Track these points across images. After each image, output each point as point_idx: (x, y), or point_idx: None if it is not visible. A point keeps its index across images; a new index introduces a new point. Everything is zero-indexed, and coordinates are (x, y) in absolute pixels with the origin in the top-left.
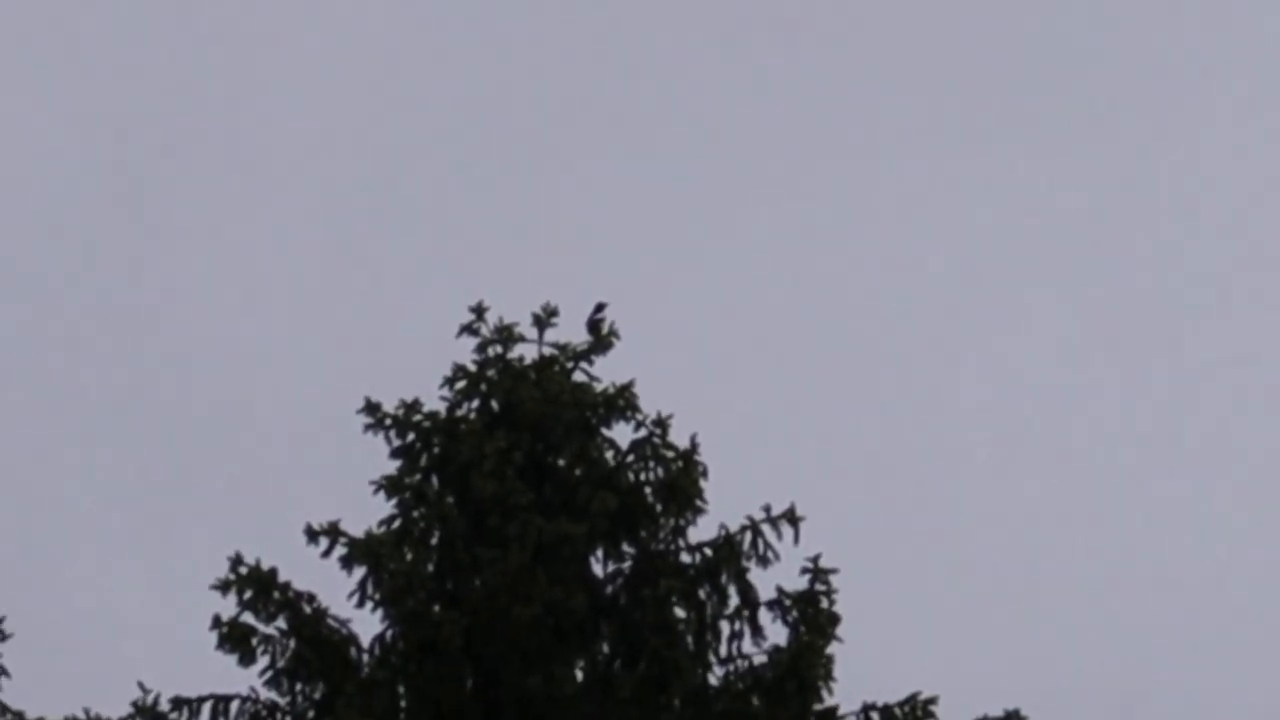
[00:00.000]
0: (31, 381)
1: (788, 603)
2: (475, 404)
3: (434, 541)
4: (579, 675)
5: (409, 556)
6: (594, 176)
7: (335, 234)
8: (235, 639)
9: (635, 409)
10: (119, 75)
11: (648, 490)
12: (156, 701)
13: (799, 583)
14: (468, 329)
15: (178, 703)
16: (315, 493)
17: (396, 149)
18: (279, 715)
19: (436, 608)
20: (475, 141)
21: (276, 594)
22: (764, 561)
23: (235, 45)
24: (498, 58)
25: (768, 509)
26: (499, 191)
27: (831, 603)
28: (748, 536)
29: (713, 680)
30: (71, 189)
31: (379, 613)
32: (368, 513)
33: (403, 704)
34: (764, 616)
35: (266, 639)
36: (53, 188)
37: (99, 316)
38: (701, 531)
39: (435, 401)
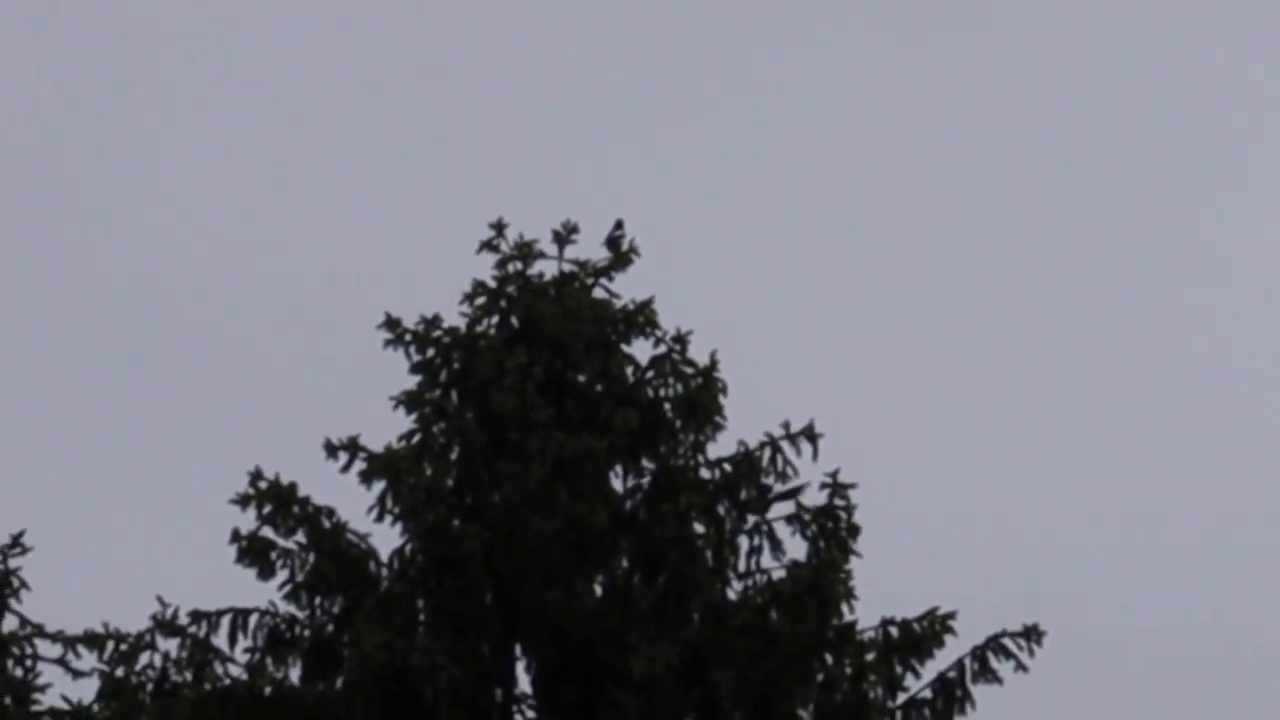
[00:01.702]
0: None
1: (806, 517)
2: (495, 320)
3: (453, 456)
4: (598, 589)
5: (428, 471)
6: (613, 92)
7: (356, 149)
8: (254, 553)
9: (655, 325)
10: None
11: (667, 406)
12: (175, 615)
13: (818, 498)
14: (488, 245)
15: (196, 616)
16: (335, 408)
17: (416, 64)
18: (298, 629)
19: (456, 522)
20: (495, 57)
21: (296, 508)
22: (783, 477)
23: None
24: None
25: (786, 425)
26: (518, 107)
27: (851, 517)
28: (766, 453)
29: (731, 595)
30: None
31: (398, 527)
32: (387, 428)
33: (422, 618)
34: (782, 530)
35: (286, 553)
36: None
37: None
38: (721, 447)
39: (455, 317)
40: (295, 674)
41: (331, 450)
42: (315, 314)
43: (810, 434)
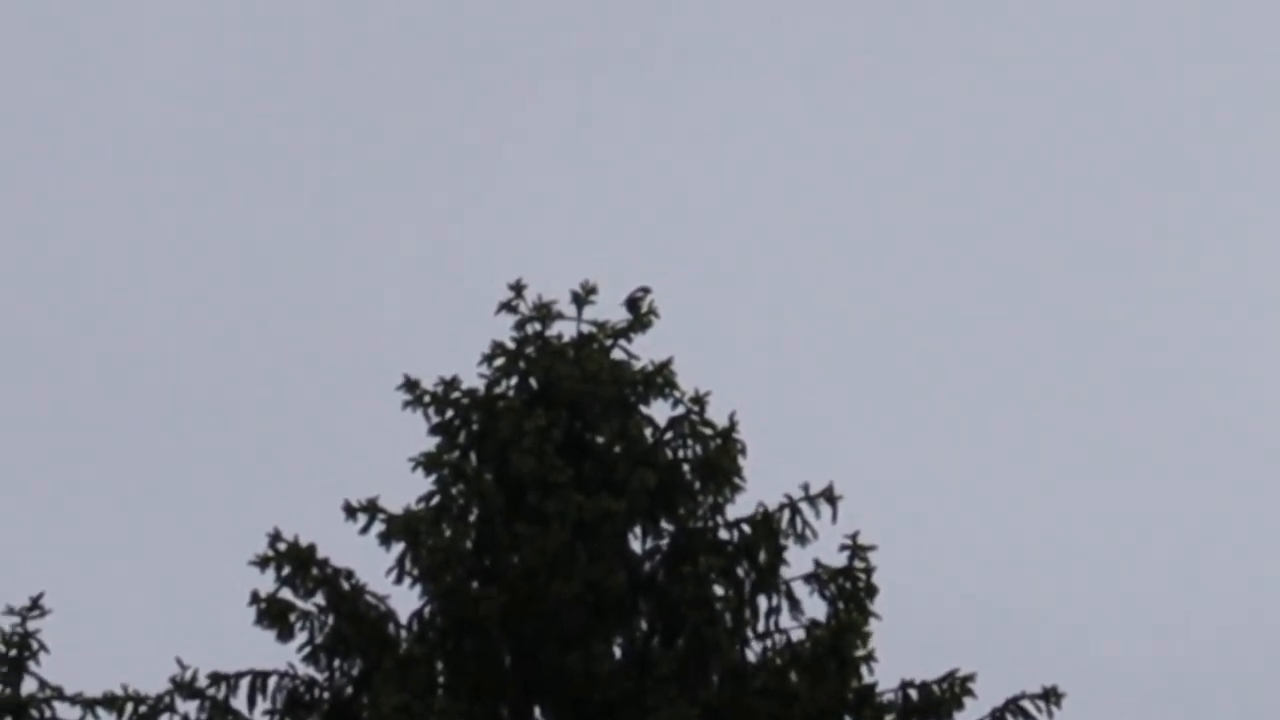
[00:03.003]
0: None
1: (825, 578)
2: (514, 381)
3: (472, 518)
4: (617, 652)
5: (447, 533)
6: (632, 155)
7: (377, 210)
8: (274, 615)
9: (674, 386)
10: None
11: (686, 467)
12: (195, 677)
13: (838, 559)
14: (506, 306)
15: (216, 678)
16: (354, 469)
17: (434, 124)
18: (317, 691)
19: (475, 584)
20: (518, 118)
21: (315, 570)
22: (802, 539)
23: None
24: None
25: (806, 487)
26: (540, 169)
27: (870, 579)
28: (786, 514)
29: (751, 656)
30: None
31: (417, 589)
32: (406, 490)
33: (440, 680)
34: (801, 591)
35: (305, 615)
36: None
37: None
38: (740, 509)
39: (474, 379)
40: None
41: (350, 512)
42: (335, 375)
43: (830, 495)
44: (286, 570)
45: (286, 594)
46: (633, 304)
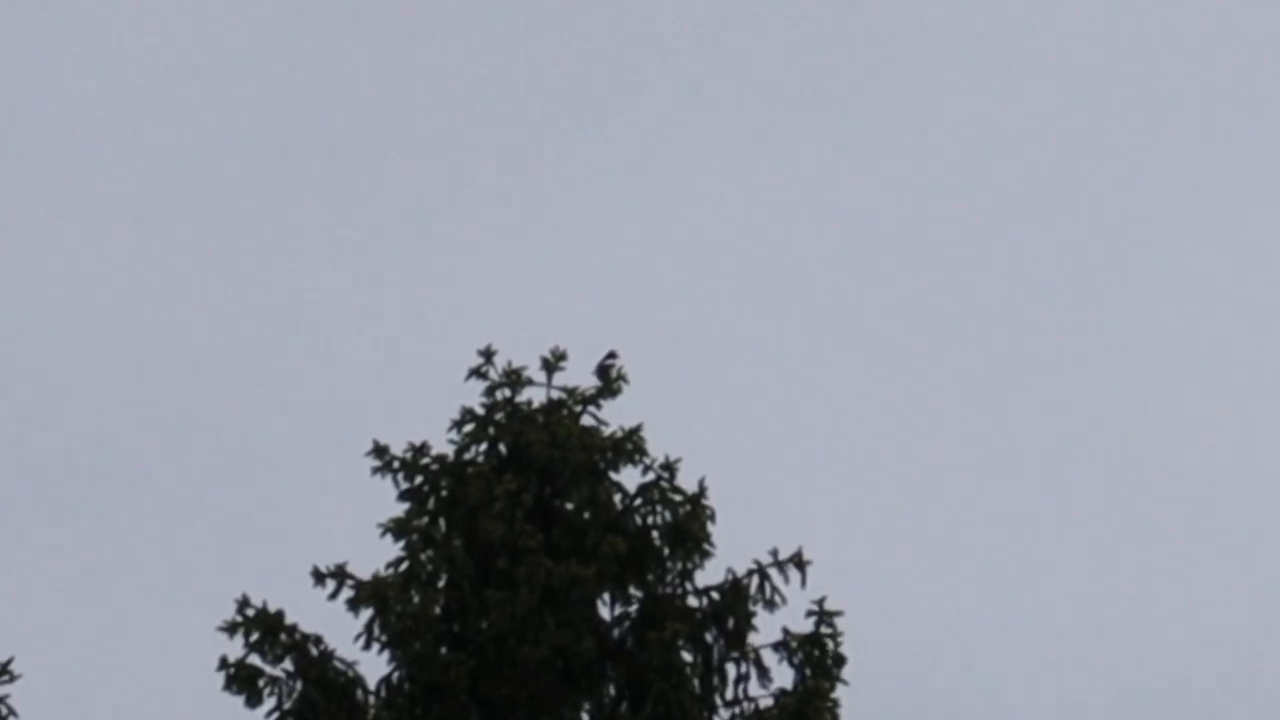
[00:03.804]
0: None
1: (793, 645)
2: (483, 447)
3: (441, 584)
4: (585, 718)
5: (416, 599)
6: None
7: (344, 275)
8: (242, 680)
9: (643, 453)
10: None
11: (655, 534)
12: None
13: (805, 625)
14: (476, 372)
15: None
16: (322, 535)
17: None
18: None
19: (443, 650)
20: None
21: (283, 636)
22: (771, 605)
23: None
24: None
25: (775, 553)
26: (505, 235)
27: (838, 645)
28: (755, 580)
29: None
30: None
31: (385, 655)
32: (375, 555)
33: None
34: (770, 658)
35: (273, 680)
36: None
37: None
38: (709, 575)
39: (443, 444)
40: None
41: (319, 578)
42: (303, 442)
43: (799, 561)
44: (255, 636)
45: (255, 659)
46: (603, 371)
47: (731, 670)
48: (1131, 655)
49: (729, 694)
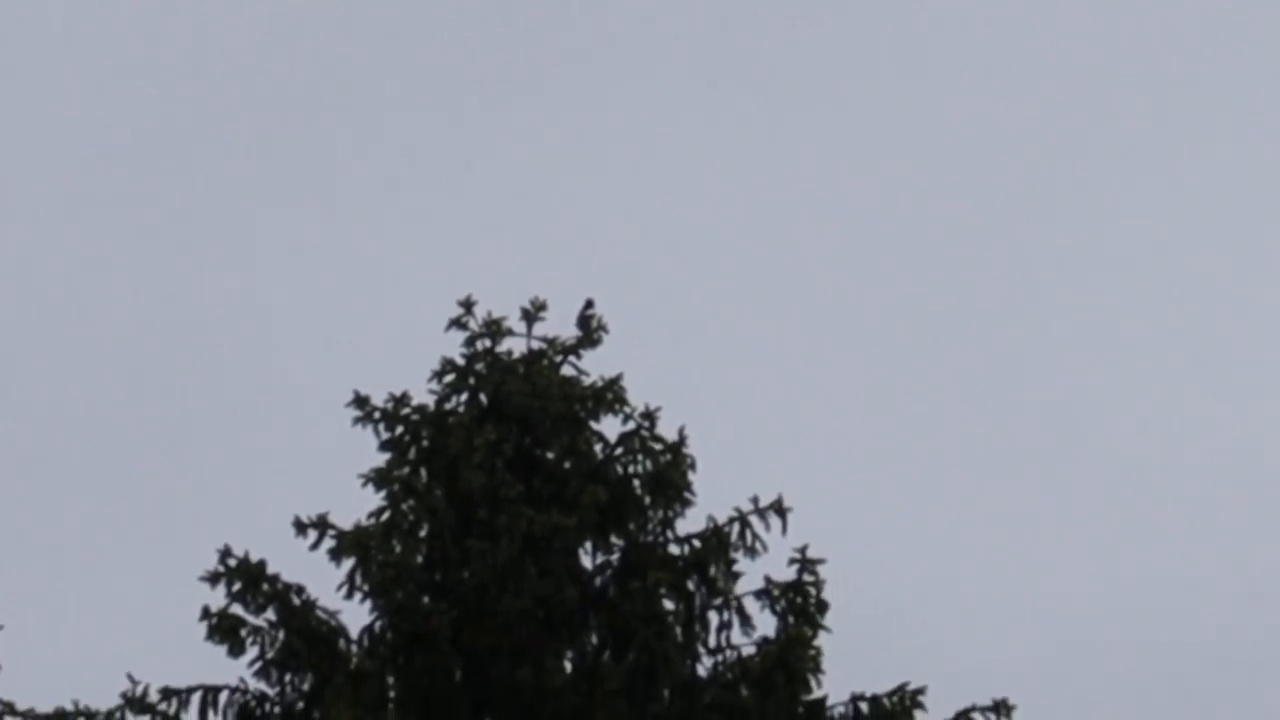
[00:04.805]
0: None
1: (775, 593)
2: (464, 397)
3: (423, 533)
4: (568, 666)
5: (398, 548)
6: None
7: (324, 228)
8: (224, 630)
9: (623, 402)
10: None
11: (636, 482)
12: (145, 692)
13: (787, 573)
14: (456, 323)
15: (167, 693)
16: (304, 485)
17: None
18: (268, 706)
19: (425, 599)
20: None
21: (265, 586)
22: (752, 553)
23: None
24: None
25: (755, 500)
26: (486, 184)
27: (820, 593)
28: (736, 528)
29: (701, 671)
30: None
31: (368, 604)
32: (356, 505)
33: (391, 695)
34: (752, 606)
35: (256, 630)
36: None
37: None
38: (690, 523)
39: (424, 395)
40: None
41: (301, 528)
42: (284, 392)
43: (779, 508)
44: (237, 586)
45: (237, 609)
46: (583, 321)
47: (714, 618)
48: (1105, 609)
49: (711, 642)
